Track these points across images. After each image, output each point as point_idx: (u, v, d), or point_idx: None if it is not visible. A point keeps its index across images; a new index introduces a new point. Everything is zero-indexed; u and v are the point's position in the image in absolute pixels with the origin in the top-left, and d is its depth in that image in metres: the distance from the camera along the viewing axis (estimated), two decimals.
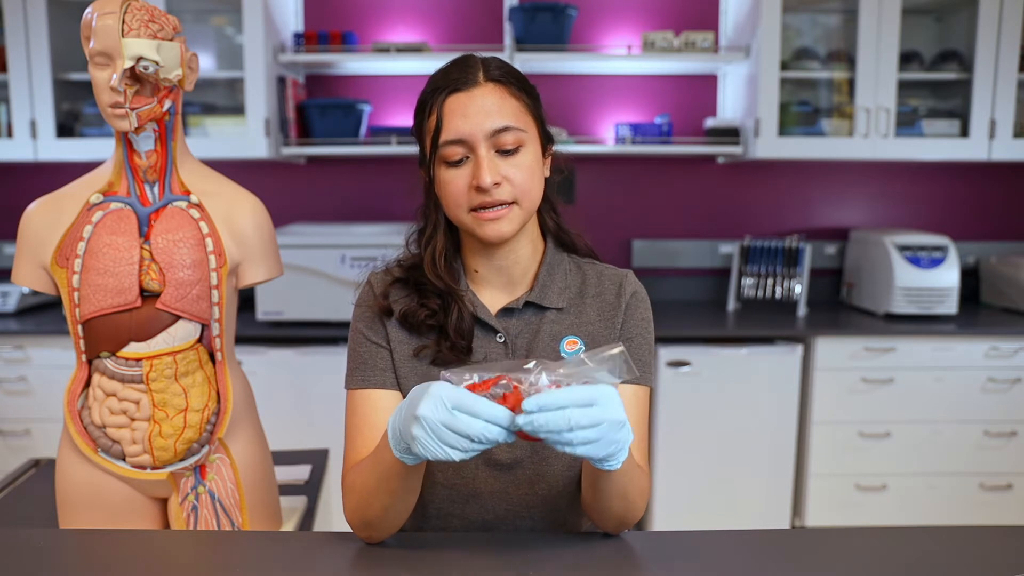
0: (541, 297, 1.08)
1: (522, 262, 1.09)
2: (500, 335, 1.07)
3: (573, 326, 1.08)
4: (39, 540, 1.02)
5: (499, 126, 0.98)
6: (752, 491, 2.63)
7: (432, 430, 0.80)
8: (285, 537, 1.04)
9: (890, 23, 2.64)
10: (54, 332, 2.50)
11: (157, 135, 1.17)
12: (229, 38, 2.91)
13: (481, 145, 0.98)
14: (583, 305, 1.10)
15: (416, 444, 0.82)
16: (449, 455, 0.81)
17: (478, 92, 1.00)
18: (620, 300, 1.10)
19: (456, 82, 1.00)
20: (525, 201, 1.01)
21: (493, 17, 2.95)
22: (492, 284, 1.09)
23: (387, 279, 1.11)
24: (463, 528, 1.08)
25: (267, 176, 3.03)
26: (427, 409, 0.80)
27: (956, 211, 3.14)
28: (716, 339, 2.59)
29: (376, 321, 1.08)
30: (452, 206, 1.02)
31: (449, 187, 1.01)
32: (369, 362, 1.07)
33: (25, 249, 1.19)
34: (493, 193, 0.99)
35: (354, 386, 1.07)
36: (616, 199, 3.09)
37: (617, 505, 0.97)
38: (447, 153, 1.00)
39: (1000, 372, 2.57)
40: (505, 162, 1.00)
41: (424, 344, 1.06)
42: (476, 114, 0.98)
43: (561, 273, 1.11)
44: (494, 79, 1.01)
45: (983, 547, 1.00)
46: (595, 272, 1.13)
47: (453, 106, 0.99)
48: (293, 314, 2.56)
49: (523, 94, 1.03)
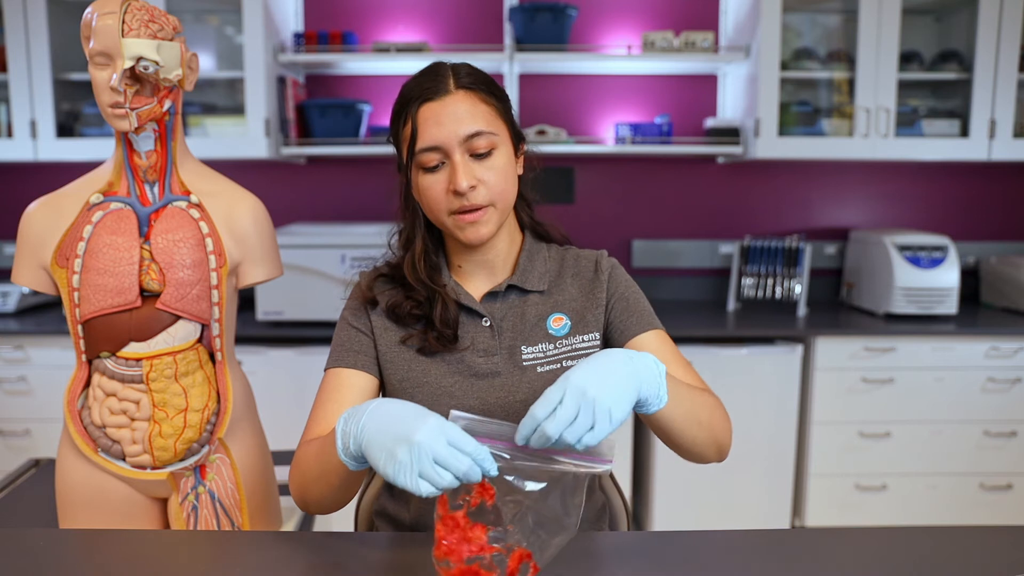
0: (523, 280, 1.13)
1: (503, 254, 1.14)
2: (486, 319, 1.11)
3: (557, 304, 1.13)
4: (39, 540, 1.02)
5: (471, 131, 1.03)
6: (752, 491, 2.63)
7: (417, 458, 0.79)
8: (285, 537, 1.04)
9: (890, 23, 2.64)
10: (54, 332, 2.50)
11: (157, 135, 1.17)
12: (229, 38, 2.91)
13: (456, 151, 1.03)
14: (564, 284, 1.15)
15: (391, 464, 0.80)
16: (417, 486, 0.79)
17: (449, 100, 1.04)
18: (599, 275, 1.15)
19: (428, 91, 1.04)
20: (500, 202, 1.06)
21: (493, 17, 2.95)
22: (475, 275, 1.14)
23: (373, 275, 1.16)
24: None
25: (267, 176, 3.03)
26: (425, 435, 0.79)
27: (956, 211, 3.14)
28: (716, 339, 2.58)
29: (360, 310, 1.14)
30: (433, 210, 1.07)
31: (428, 192, 1.05)
32: (346, 344, 1.12)
33: (25, 249, 1.19)
34: (470, 197, 1.03)
35: (329, 365, 1.12)
36: (616, 199, 3.09)
37: (699, 433, 0.99)
38: (424, 160, 1.04)
39: (1000, 372, 2.57)
40: (480, 165, 1.04)
41: (410, 333, 1.11)
42: (449, 121, 1.03)
43: (540, 259, 1.16)
44: (464, 86, 1.05)
45: (983, 547, 1.00)
46: (572, 255, 1.19)
47: (426, 114, 1.04)
48: (293, 314, 2.56)
49: (492, 98, 1.07)
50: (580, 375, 0.82)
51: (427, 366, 1.10)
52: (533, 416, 0.80)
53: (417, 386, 1.09)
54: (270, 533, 1.08)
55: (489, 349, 1.10)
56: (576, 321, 1.12)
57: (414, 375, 1.10)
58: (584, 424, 0.80)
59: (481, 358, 1.10)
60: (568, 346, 1.11)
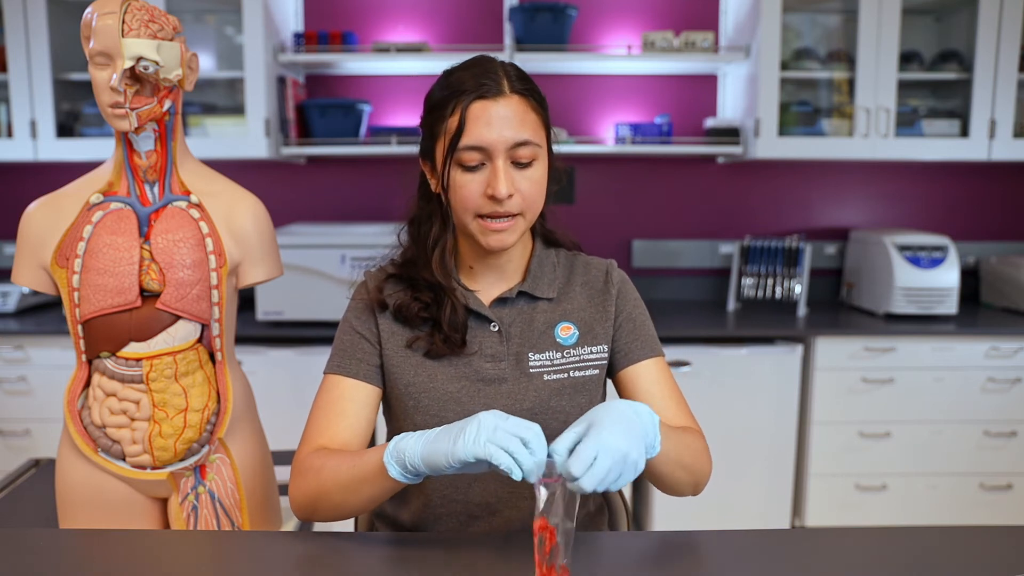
0: (533, 287, 1.12)
1: (514, 259, 1.13)
2: (494, 324, 1.10)
3: (565, 313, 1.13)
4: (39, 540, 1.02)
5: (520, 139, 1.01)
6: (752, 491, 2.62)
7: (488, 429, 0.84)
8: (285, 537, 1.04)
9: (890, 23, 2.64)
10: (54, 332, 2.50)
11: (157, 135, 1.17)
12: (229, 38, 2.91)
13: (500, 156, 1.01)
14: (573, 292, 1.14)
15: (459, 440, 0.85)
16: (488, 450, 0.83)
17: (503, 102, 1.02)
18: (609, 287, 1.15)
19: (484, 88, 1.02)
20: (529, 213, 1.06)
21: (493, 17, 2.95)
22: (485, 279, 1.13)
23: (381, 276, 1.14)
24: (465, 512, 1.10)
25: (267, 176, 3.03)
26: (487, 415, 0.86)
27: (956, 211, 3.14)
28: (716, 339, 2.58)
29: (366, 312, 1.12)
30: (461, 209, 1.04)
31: (462, 191, 1.03)
32: (349, 350, 1.10)
33: (25, 249, 1.19)
34: (505, 204, 1.02)
35: (330, 370, 1.10)
36: (616, 199, 3.09)
37: (681, 475, 1.01)
38: (465, 157, 1.02)
39: (1000, 372, 2.57)
40: (519, 174, 1.03)
41: (417, 335, 1.09)
42: (500, 124, 1.01)
43: (550, 265, 1.16)
44: (519, 91, 1.04)
45: (983, 547, 1.00)
46: (581, 262, 1.18)
47: (478, 112, 1.01)
48: (293, 314, 2.56)
49: (540, 108, 1.07)
50: (609, 435, 0.83)
51: (433, 371, 1.08)
52: (570, 473, 0.82)
53: (423, 391, 1.08)
54: (270, 533, 1.08)
55: (497, 355, 1.09)
56: (584, 331, 1.12)
57: (420, 380, 1.08)
58: (613, 477, 0.83)
59: (488, 363, 1.09)
60: (576, 357, 1.10)
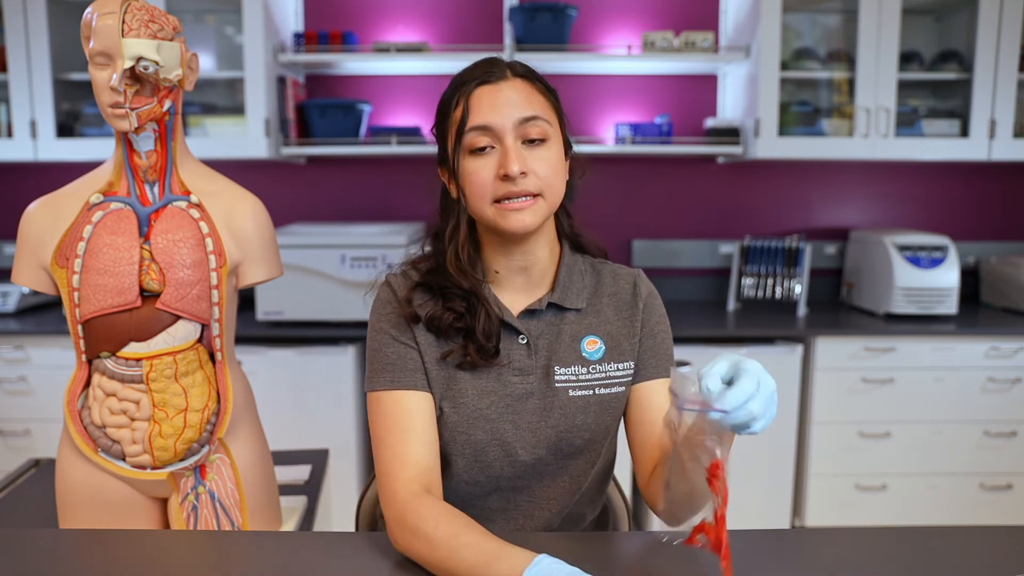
0: (563, 299, 1.09)
1: (541, 263, 1.09)
2: (522, 336, 1.07)
3: (592, 326, 1.10)
4: (39, 540, 1.02)
5: (527, 115, 1.00)
6: (752, 491, 2.62)
7: None
8: (285, 537, 1.04)
9: (890, 23, 2.64)
10: (54, 332, 2.50)
11: (157, 135, 1.17)
12: (229, 38, 2.91)
13: (508, 134, 0.99)
14: (600, 304, 1.11)
15: None
16: None
17: (506, 85, 1.02)
18: (637, 300, 1.12)
19: (484, 75, 1.02)
20: (549, 195, 1.02)
21: (493, 17, 2.95)
22: (512, 285, 1.09)
23: (408, 283, 1.09)
24: (482, 517, 1.08)
25: (267, 176, 3.03)
26: None
27: (956, 211, 3.14)
28: (716, 339, 2.58)
29: (403, 324, 1.07)
30: (475, 197, 1.01)
31: (473, 177, 1.01)
32: (398, 363, 1.05)
33: (25, 249, 1.19)
34: (519, 182, 0.99)
35: (381, 387, 1.04)
36: (616, 199, 3.09)
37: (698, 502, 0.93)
38: (472, 140, 1.00)
39: (1000, 372, 2.57)
40: (531, 153, 1.01)
41: (451, 348, 1.05)
42: (504, 104, 1.00)
43: (578, 274, 1.12)
44: (520, 75, 1.04)
45: (983, 547, 1.00)
46: (609, 272, 1.15)
47: (480, 96, 1.01)
48: (293, 314, 2.56)
49: (548, 92, 1.06)
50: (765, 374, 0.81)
51: (464, 385, 1.06)
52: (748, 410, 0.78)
53: (454, 407, 1.05)
54: (270, 533, 1.08)
55: (525, 368, 1.06)
56: (611, 347, 1.09)
57: (452, 394, 1.05)
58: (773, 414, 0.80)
59: (516, 377, 1.06)
60: (602, 373, 1.08)
